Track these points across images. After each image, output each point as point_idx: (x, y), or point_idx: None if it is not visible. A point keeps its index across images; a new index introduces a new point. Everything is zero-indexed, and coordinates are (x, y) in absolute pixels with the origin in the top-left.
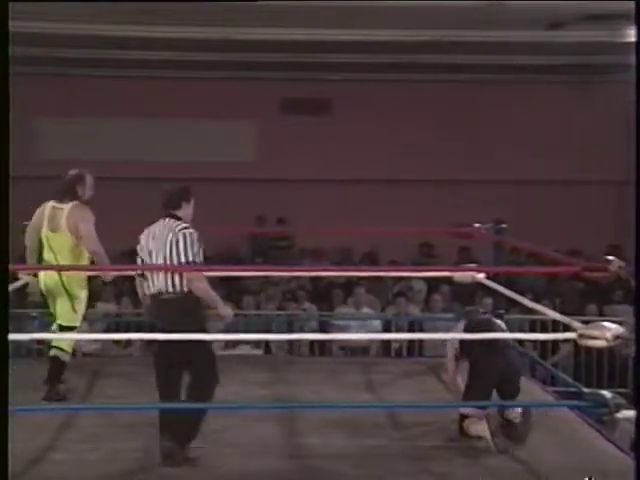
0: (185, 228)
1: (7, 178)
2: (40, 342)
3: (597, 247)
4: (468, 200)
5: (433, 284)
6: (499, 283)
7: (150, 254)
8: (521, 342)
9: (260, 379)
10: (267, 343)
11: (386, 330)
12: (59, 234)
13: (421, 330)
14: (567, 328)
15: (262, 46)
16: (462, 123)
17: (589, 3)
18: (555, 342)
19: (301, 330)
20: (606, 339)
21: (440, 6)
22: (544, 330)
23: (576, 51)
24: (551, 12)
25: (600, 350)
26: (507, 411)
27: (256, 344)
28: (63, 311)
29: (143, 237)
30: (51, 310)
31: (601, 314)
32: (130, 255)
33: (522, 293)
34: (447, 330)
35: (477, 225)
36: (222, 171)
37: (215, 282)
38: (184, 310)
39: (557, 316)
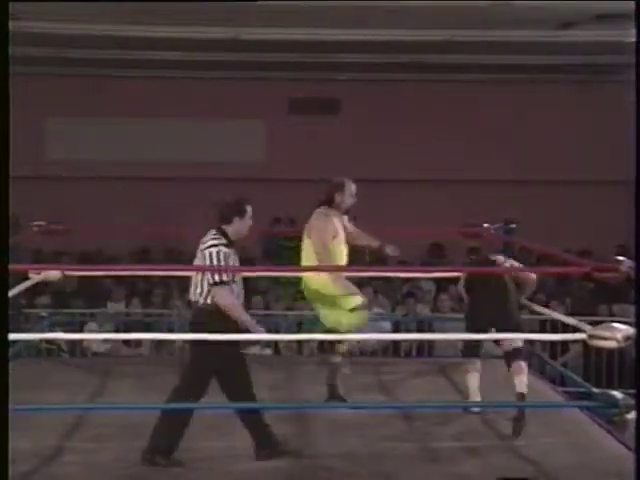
0: (212, 246)
1: (7, 178)
2: (49, 342)
3: (607, 247)
4: (473, 200)
5: (442, 284)
6: None
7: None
8: (531, 342)
9: (270, 379)
10: (276, 343)
11: (396, 330)
12: (305, 239)
13: (430, 330)
14: (577, 328)
15: (270, 46)
16: (469, 123)
17: (597, 3)
18: (565, 342)
19: (310, 330)
20: (616, 340)
21: (448, 6)
22: (554, 330)
23: (583, 51)
24: (560, 12)
25: (610, 351)
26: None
27: (265, 344)
28: (325, 314)
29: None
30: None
31: (611, 314)
32: (137, 255)
33: (533, 293)
34: (455, 330)
35: (486, 225)
36: (230, 171)
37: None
38: (207, 322)
39: (566, 318)
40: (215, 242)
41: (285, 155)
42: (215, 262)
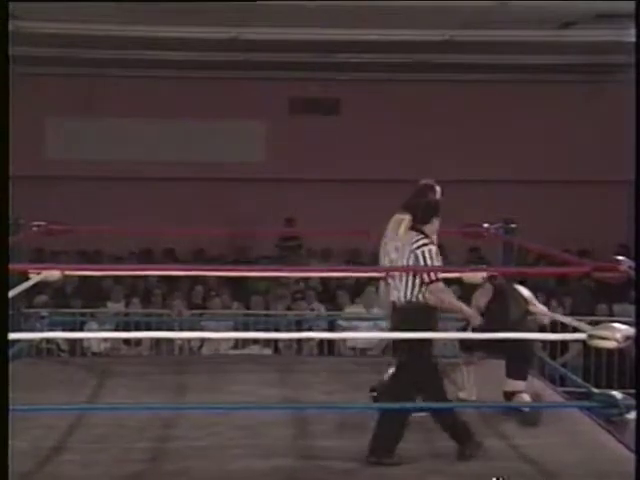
0: (423, 245)
1: (7, 178)
2: (49, 342)
3: (607, 247)
4: (473, 200)
5: None
6: None
7: (389, 261)
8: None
9: (269, 379)
10: (276, 343)
11: None
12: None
13: None
14: (577, 328)
15: (270, 46)
16: (469, 123)
17: (597, 3)
18: (564, 342)
19: (310, 330)
20: (616, 340)
21: (448, 6)
22: (553, 330)
23: (584, 50)
24: (560, 12)
25: (610, 351)
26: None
27: (265, 344)
28: None
29: (389, 243)
30: None
31: (611, 314)
32: (138, 255)
33: (533, 293)
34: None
35: (486, 225)
36: (230, 171)
37: (222, 282)
38: (415, 321)
39: (566, 319)
40: (426, 241)
41: (285, 155)
42: (430, 262)
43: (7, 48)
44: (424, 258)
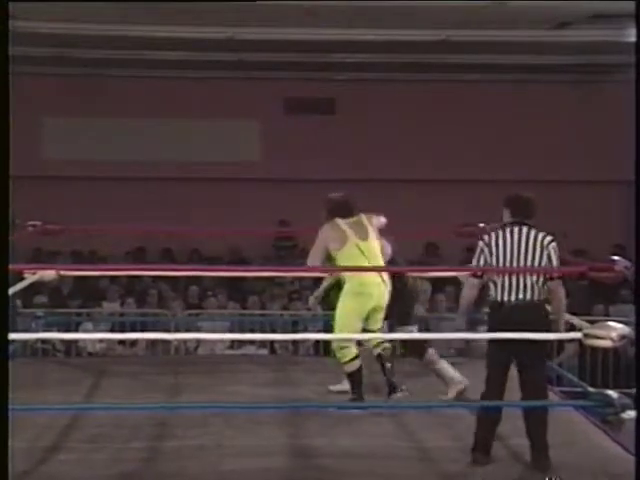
0: (553, 241)
1: (7, 178)
2: (45, 342)
3: (602, 247)
4: (472, 200)
5: (438, 284)
6: None
7: (505, 259)
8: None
9: (265, 379)
10: (272, 343)
11: (391, 330)
12: (370, 242)
13: (427, 330)
14: (572, 328)
15: (265, 46)
16: (465, 123)
17: (594, 3)
18: (560, 342)
19: (305, 330)
20: (611, 339)
21: (444, 6)
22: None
23: (581, 50)
24: (557, 12)
25: (606, 350)
26: None
27: (261, 344)
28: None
29: (496, 240)
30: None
31: (607, 314)
32: (134, 254)
33: None
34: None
35: (482, 225)
36: (225, 171)
37: (218, 282)
38: (539, 315)
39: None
40: (552, 237)
41: (280, 155)
42: (558, 257)
43: (7, 48)
44: (556, 255)
